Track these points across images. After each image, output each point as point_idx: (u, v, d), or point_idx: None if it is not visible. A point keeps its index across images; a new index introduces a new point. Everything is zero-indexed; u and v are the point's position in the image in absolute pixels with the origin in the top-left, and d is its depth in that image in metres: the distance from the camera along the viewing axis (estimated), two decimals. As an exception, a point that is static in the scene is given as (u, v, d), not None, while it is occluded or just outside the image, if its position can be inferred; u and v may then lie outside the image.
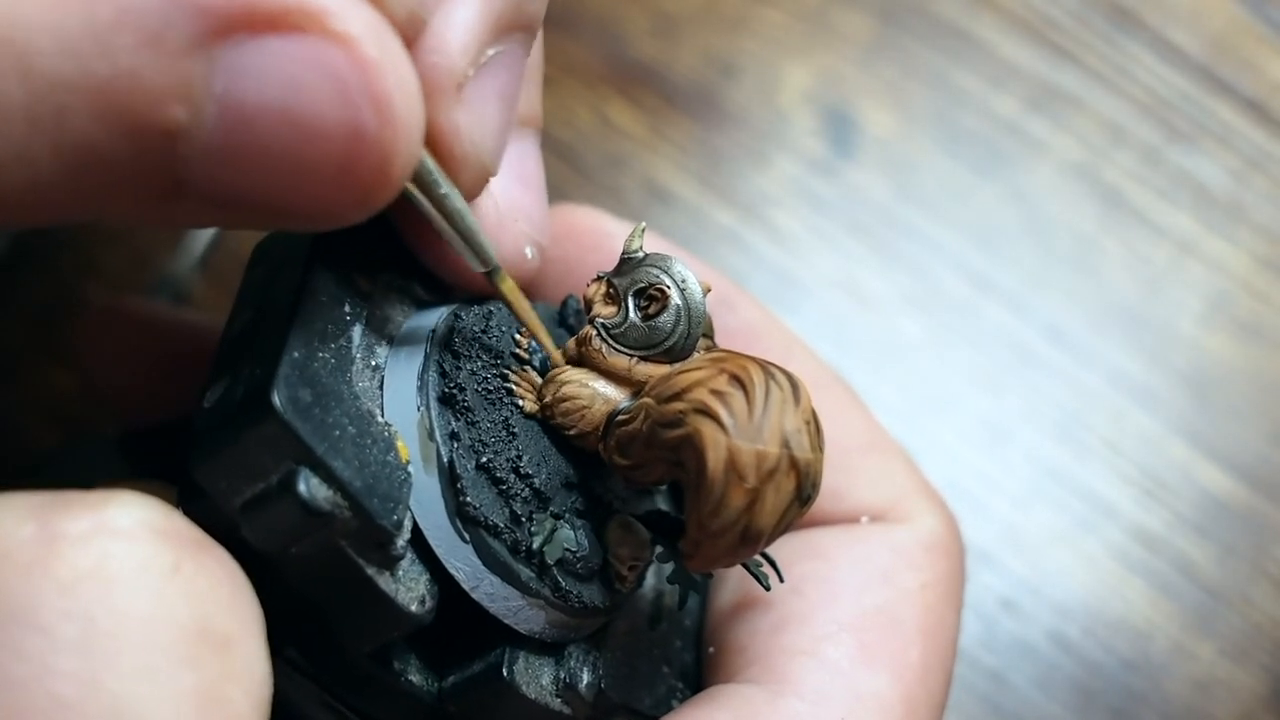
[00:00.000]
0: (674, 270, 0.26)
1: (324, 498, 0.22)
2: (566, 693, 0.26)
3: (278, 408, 0.22)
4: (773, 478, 0.22)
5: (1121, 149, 0.55)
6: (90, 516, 0.20)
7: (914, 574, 0.30)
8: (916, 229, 0.53)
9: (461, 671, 0.26)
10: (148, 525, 0.20)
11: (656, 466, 0.25)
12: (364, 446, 0.24)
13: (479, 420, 0.25)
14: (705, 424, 0.23)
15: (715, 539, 0.23)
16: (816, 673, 0.28)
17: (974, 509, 0.50)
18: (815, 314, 0.52)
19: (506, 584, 0.25)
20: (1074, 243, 0.53)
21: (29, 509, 0.20)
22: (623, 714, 0.28)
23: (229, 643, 0.20)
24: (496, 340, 0.27)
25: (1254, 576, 0.50)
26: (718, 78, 0.54)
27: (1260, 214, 0.54)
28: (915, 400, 0.51)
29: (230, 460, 0.22)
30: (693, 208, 0.53)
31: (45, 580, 0.19)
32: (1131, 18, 0.56)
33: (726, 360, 0.24)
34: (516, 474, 0.25)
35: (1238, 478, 0.51)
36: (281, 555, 0.23)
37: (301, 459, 0.22)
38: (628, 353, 0.26)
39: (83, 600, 0.19)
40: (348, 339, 0.25)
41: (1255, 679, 0.48)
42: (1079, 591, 0.49)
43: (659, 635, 0.30)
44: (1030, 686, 0.48)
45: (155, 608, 0.20)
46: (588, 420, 0.26)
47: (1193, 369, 0.52)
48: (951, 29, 0.56)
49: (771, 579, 0.27)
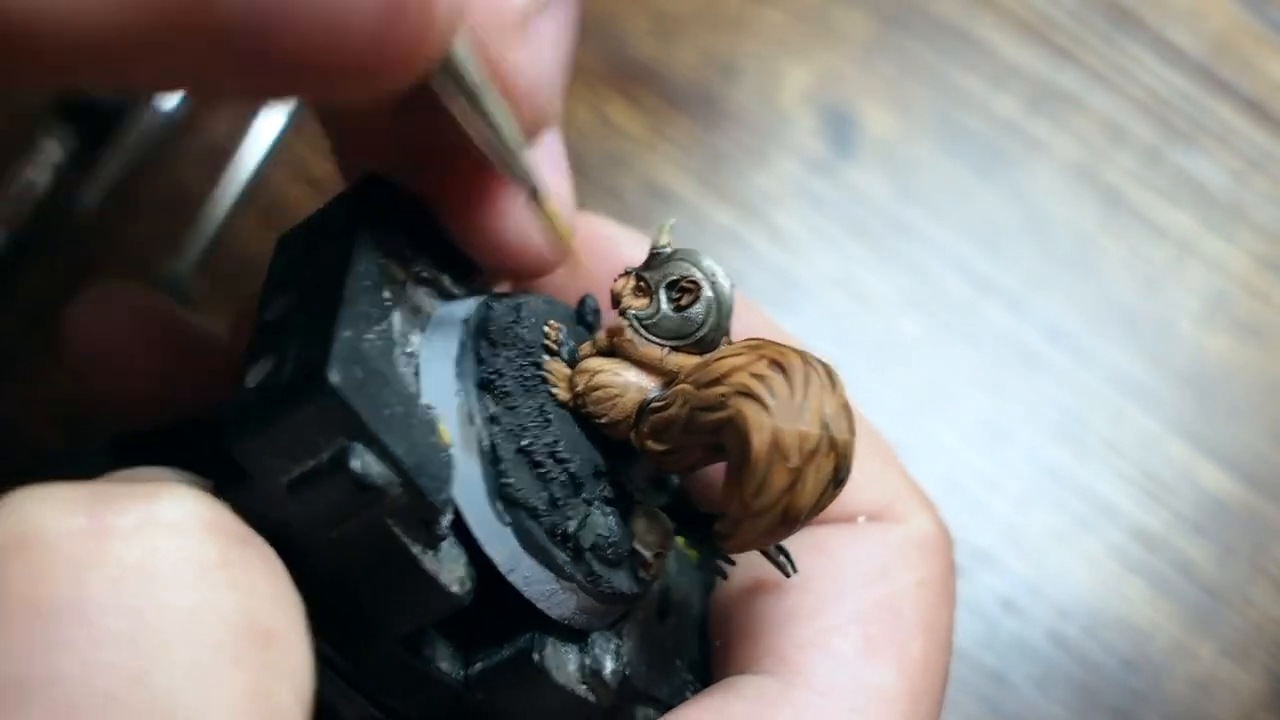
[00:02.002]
0: (704, 264, 0.27)
1: (377, 473, 0.22)
2: (592, 679, 0.27)
3: (335, 384, 0.22)
4: (814, 458, 0.23)
5: (1121, 149, 0.55)
6: (139, 509, 0.20)
7: (911, 571, 0.30)
8: (916, 229, 0.53)
9: (489, 657, 0.26)
10: (196, 519, 0.21)
11: (692, 451, 0.26)
12: (411, 426, 0.24)
13: (517, 405, 0.26)
14: (749, 405, 0.23)
15: (756, 518, 0.24)
16: (826, 664, 0.28)
17: (974, 509, 0.50)
18: (815, 314, 0.52)
19: (543, 567, 0.25)
20: (1074, 243, 0.54)
21: (78, 501, 0.20)
22: (643, 702, 0.28)
23: (274, 638, 0.21)
24: (528, 330, 0.27)
25: (1254, 576, 0.50)
26: (718, 78, 0.54)
27: (1260, 214, 0.54)
28: (915, 400, 0.51)
29: (280, 437, 0.22)
30: (693, 208, 0.53)
31: (94, 574, 0.19)
32: (1131, 18, 0.56)
33: (764, 347, 0.25)
34: (553, 458, 0.26)
35: (1237, 477, 0.51)
36: (324, 536, 0.23)
37: (355, 435, 0.22)
38: (660, 343, 0.27)
39: (131, 594, 0.19)
40: (388, 324, 0.25)
41: (1255, 679, 0.48)
42: (1079, 591, 0.49)
43: (669, 628, 0.30)
44: (1030, 686, 0.48)
45: (203, 603, 0.20)
46: (619, 409, 0.26)
47: (1193, 369, 0.52)
48: (951, 29, 0.56)
49: (788, 568, 0.28)
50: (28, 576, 0.19)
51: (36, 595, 0.19)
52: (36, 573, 0.19)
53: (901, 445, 0.34)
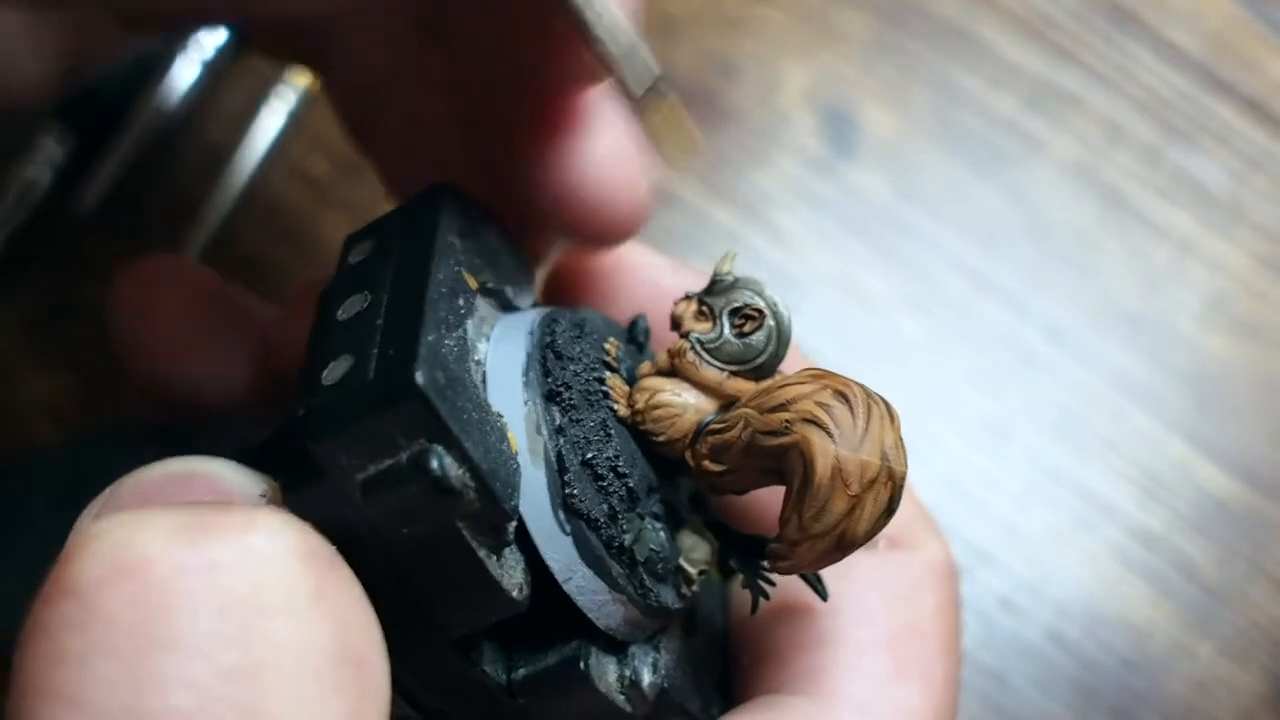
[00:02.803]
0: (767, 294, 0.28)
1: (455, 477, 0.22)
2: (630, 690, 0.27)
3: (421, 386, 0.22)
4: (873, 487, 0.24)
5: (1121, 149, 0.55)
6: (239, 541, 0.21)
7: (932, 596, 0.32)
8: (916, 229, 0.53)
9: (535, 663, 0.27)
10: (292, 549, 0.21)
11: (749, 473, 0.26)
12: (485, 433, 0.24)
13: (582, 419, 0.26)
14: (813, 432, 0.24)
15: (814, 541, 0.24)
16: (859, 685, 0.30)
17: (974, 509, 0.50)
18: (815, 314, 0.52)
19: (597, 577, 0.26)
20: (1074, 243, 0.54)
21: (176, 530, 0.20)
22: (676, 714, 0.29)
23: (365, 663, 0.21)
24: (591, 346, 0.28)
25: (1253, 576, 0.50)
26: (718, 78, 0.54)
27: (1260, 214, 0.54)
28: (915, 400, 0.51)
29: (361, 436, 0.22)
30: (693, 208, 0.53)
31: (203, 607, 0.20)
32: (1131, 17, 0.56)
33: (827, 377, 0.26)
34: (614, 472, 0.26)
35: (1237, 477, 0.51)
36: (393, 536, 0.23)
37: (436, 437, 0.22)
38: (720, 367, 0.27)
39: (240, 627, 0.20)
40: (463, 330, 0.26)
41: (1255, 678, 0.48)
42: (1078, 591, 0.49)
43: (698, 644, 0.31)
44: (1030, 686, 0.48)
45: (305, 633, 0.20)
46: (678, 428, 0.27)
47: (1193, 369, 0.52)
48: (951, 29, 0.56)
49: (823, 591, 0.29)
50: (133, 606, 0.20)
51: (145, 626, 0.19)
52: (143, 604, 0.20)
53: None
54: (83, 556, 0.20)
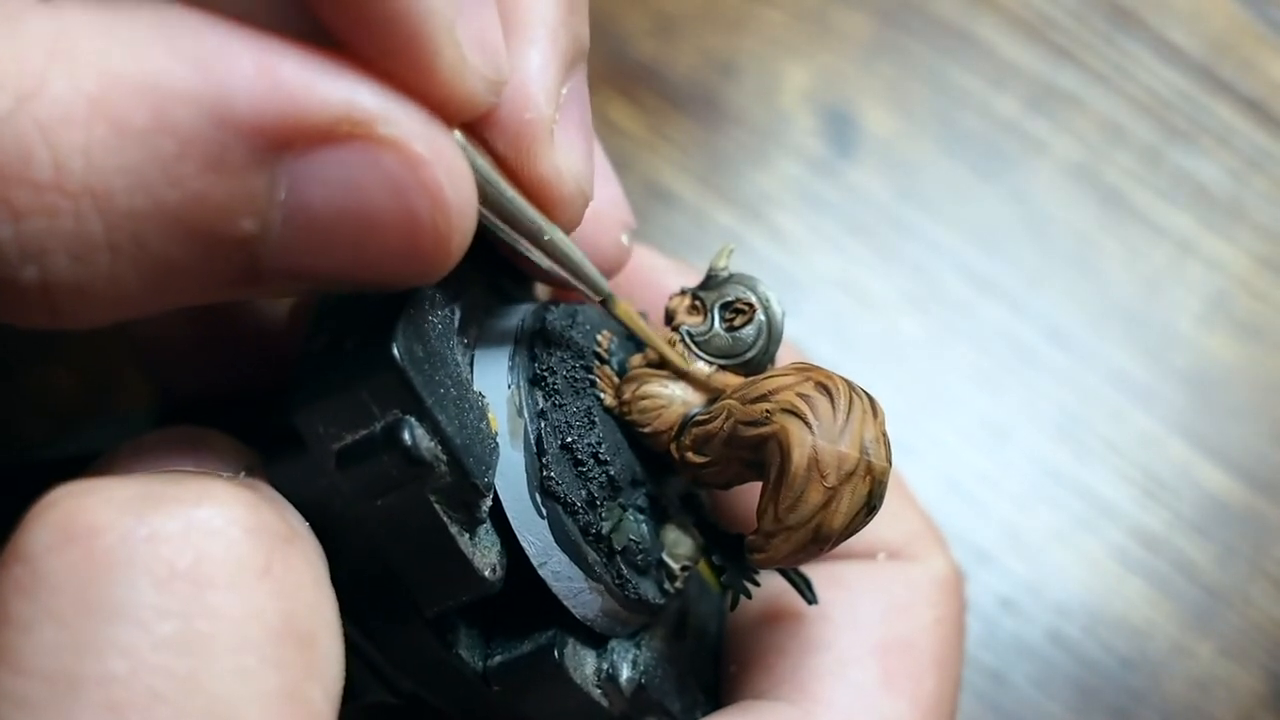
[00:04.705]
0: (759, 289, 0.28)
1: (426, 448, 0.23)
2: (607, 684, 0.27)
3: (397, 357, 0.22)
4: (850, 480, 0.24)
5: (1121, 149, 0.55)
6: (185, 514, 0.21)
7: (929, 609, 0.32)
8: (916, 229, 0.53)
9: (509, 651, 0.27)
10: (240, 523, 0.21)
11: (730, 465, 0.26)
12: (463, 409, 0.24)
13: (565, 404, 0.27)
14: (792, 422, 0.24)
15: (790, 533, 0.24)
16: (844, 694, 0.29)
17: (974, 509, 0.50)
18: (815, 314, 0.52)
19: (573, 564, 0.26)
20: (1074, 243, 0.54)
21: (124, 501, 0.21)
22: (655, 714, 0.29)
23: (311, 641, 0.21)
24: (582, 336, 0.28)
25: (1253, 576, 0.50)
26: (718, 78, 0.54)
27: (1260, 214, 0.54)
28: (915, 400, 0.51)
29: (338, 405, 0.23)
30: (693, 208, 0.53)
31: (144, 577, 0.20)
32: (1131, 18, 0.56)
33: (812, 370, 0.26)
34: (595, 459, 0.26)
35: (1238, 478, 0.51)
36: (366, 508, 0.23)
37: (409, 409, 0.23)
38: (709, 360, 0.28)
39: (180, 599, 0.20)
40: (451, 310, 0.26)
41: (1255, 678, 0.48)
42: (1079, 591, 0.49)
43: (685, 649, 0.31)
44: (1030, 686, 0.48)
45: (248, 607, 0.20)
46: (663, 420, 0.27)
47: (1193, 369, 0.52)
48: (951, 29, 0.56)
49: (810, 595, 0.29)
50: (77, 573, 0.20)
51: (86, 593, 0.20)
52: (86, 571, 0.20)
53: (901, 445, 0.34)
54: (35, 524, 0.20)
